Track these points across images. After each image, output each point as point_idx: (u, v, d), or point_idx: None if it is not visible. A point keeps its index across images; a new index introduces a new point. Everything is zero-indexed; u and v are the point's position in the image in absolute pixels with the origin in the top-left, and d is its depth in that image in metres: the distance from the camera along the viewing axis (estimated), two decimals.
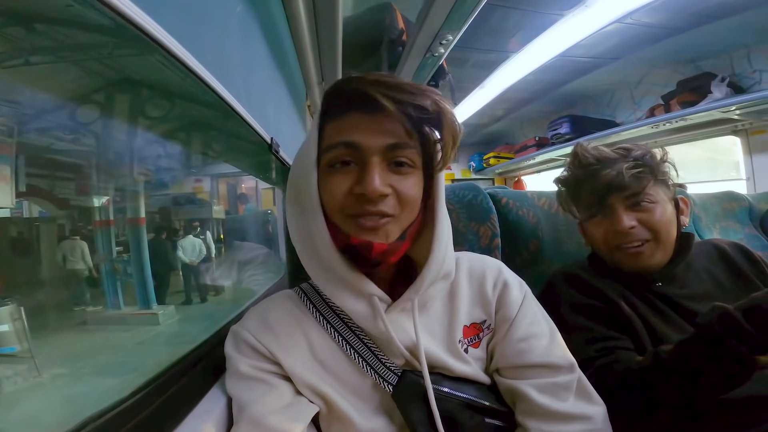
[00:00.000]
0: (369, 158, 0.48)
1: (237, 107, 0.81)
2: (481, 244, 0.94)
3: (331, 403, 0.51)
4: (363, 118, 0.49)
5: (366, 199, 0.47)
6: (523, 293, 0.60)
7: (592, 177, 0.75)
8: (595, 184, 0.75)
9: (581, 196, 0.78)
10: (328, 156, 0.50)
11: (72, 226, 1.08)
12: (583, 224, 0.81)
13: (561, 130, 3.19)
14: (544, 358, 0.54)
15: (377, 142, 0.48)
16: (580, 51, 2.10)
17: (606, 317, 0.72)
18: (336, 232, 0.50)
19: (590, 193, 0.76)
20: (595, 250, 0.82)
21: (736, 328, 0.51)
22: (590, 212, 0.78)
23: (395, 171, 0.49)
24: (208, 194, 1.74)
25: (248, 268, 1.55)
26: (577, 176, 0.79)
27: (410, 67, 1.64)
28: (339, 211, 0.49)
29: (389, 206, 0.48)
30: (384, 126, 0.48)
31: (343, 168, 0.49)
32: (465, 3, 1.16)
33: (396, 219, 0.49)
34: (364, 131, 0.48)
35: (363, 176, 0.47)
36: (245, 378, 0.51)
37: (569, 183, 0.81)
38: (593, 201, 0.76)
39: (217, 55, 0.72)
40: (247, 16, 0.95)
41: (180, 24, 0.54)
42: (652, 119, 2.39)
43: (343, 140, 0.48)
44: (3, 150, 0.78)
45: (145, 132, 1.11)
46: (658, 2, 1.56)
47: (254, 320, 0.55)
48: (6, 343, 0.70)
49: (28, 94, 0.70)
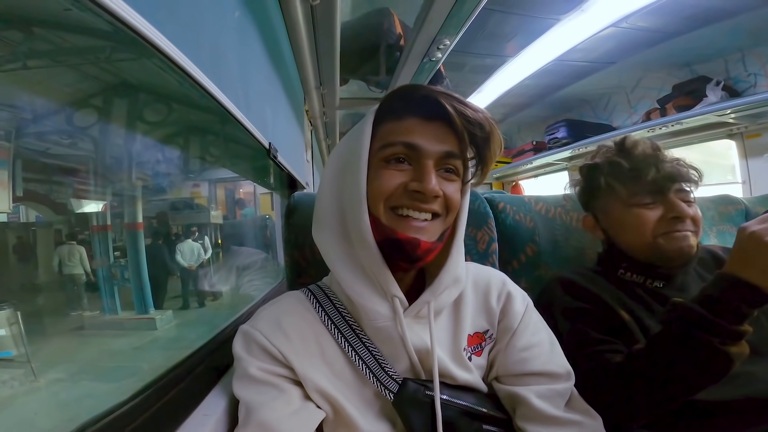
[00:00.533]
0: (425, 160, 0.51)
1: (235, 112, 0.81)
2: (479, 249, 0.94)
3: (338, 408, 0.51)
4: (422, 123, 0.52)
5: (419, 197, 0.50)
6: (525, 304, 0.62)
7: (654, 167, 0.77)
8: (657, 174, 0.76)
9: (637, 183, 0.78)
10: (385, 152, 0.52)
11: (69, 231, 1.08)
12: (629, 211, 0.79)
13: (558, 135, 3.21)
14: (544, 366, 0.56)
15: (435, 147, 0.51)
16: (576, 55, 2.11)
17: (600, 321, 0.72)
18: (378, 227, 0.51)
19: (652, 181, 0.77)
20: (625, 239, 0.81)
21: (698, 319, 0.55)
22: (646, 198, 0.78)
23: (444, 176, 0.53)
24: (206, 199, 1.74)
25: (246, 273, 1.54)
26: (634, 164, 0.79)
27: (408, 71, 1.65)
28: (384, 202, 0.51)
29: (440, 206, 0.52)
30: (441, 134, 0.52)
31: (398, 164, 0.52)
32: (462, 8, 1.17)
33: (441, 219, 0.53)
34: (424, 135, 0.51)
35: (421, 175, 0.50)
36: (255, 381, 0.50)
37: (621, 169, 0.80)
38: (654, 188, 0.77)
39: (215, 60, 0.72)
40: (245, 20, 0.96)
41: (178, 29, 0.54)
42: (648, 123, 2.41)
43: (404, 141, 0.51)
44: (0, 154, 0.78)
45: (143, 136, 1.11)
46: (653, 6, 1.58)
47: (266, 321, 0.54)
48: (2, 348, 0.70)
49: (25, 98, 0.70)
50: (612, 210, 0.82)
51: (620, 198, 0.79)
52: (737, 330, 0.54)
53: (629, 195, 0.78)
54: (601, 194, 0.84)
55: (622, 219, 0.80)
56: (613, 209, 0.82)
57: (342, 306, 0.56)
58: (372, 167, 0.52)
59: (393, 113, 0.54)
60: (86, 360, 0.88)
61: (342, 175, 0.55)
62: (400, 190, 0.51)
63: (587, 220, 0.89)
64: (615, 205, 0.81)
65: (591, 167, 0.85)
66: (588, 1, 1.59)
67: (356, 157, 0.52)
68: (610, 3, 1.59)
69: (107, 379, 0.81)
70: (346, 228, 0.54)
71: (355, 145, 0.53)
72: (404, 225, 0.51)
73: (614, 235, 0.83)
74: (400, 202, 0.51)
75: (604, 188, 0.82)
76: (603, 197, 0.83)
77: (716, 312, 0.54)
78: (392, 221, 0.51)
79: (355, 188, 0.51)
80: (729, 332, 0.53)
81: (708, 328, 0.54)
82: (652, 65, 2.32)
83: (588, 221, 0.89)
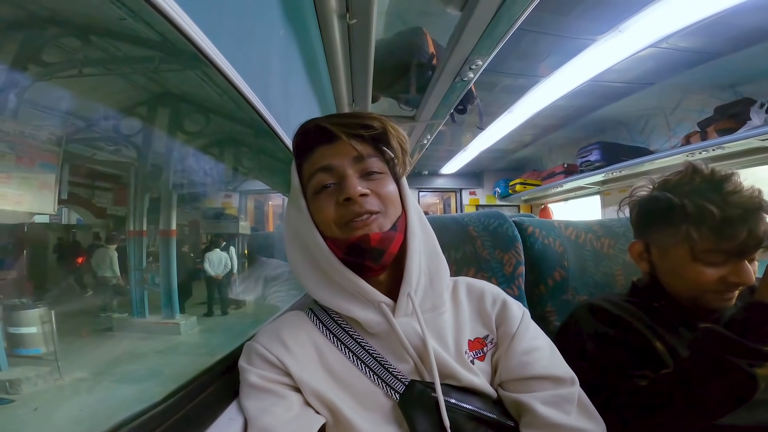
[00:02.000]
0: (343, 172, 0.57)
1: (276, 127, 0.85)
2: (505, 271, 0.96)
3: (338, 412, 0.52)
4: (327, 147, 0.59)
5: (351, 202, 0.55)
6: (522, 311, 0.65)
7: (747, 227, 0.66)
8: (747, 239, 0.66)
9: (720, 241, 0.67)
10: (312, 183, 0.59)
11: (106, 235, 1.12)
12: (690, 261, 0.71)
13: (591, 158, 3.13)
14: (547, 370, 0.58)
15: (344, 159, 0.58)
16: (612, 76, 2.07)
17: (631, 349, 0.70)
18: (334, 244, 0.57)
19: (740, 243, 0.66)
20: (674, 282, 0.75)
21: (725, 341, 0.55)
22: (719, 258, 0.69)
23: (367, 179, 0.58)
24: (236, 209, 1.77)
25: (272, 284, 1.55)
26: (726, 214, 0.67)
27: (439, 90, 1.65)
28: (333, 223, 0.57)
29: (373, 204, 0.57)
30: (345, 148, 0.58)
31: (326, 190, 0.58)
32: (496, 29, 1.17)
33: (383, 214, 0.57)
34: (331, 156, 0.58)
35: (343, 186, 0.56)
36: (255, 389, 0.53)
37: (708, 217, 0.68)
38: (736, 252, 0.67)
39: (261, 76, 0.76)
40: (288, 39, 0.99)
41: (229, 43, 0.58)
42: (687, 147, 2.31)
43: (319, 166, 0.58)
44: (50, 159, 0.82)
45: (181, 146, 1.15)
46: (694, 27, 1.53)
47: (266, 334, 0.59)
48: (32, 345, 0.72)
49: (78, 105, 0.74)
50: (674, 252, 0.73)
51: (690, 245, 0.70)
52: (764, 351, 0.53)
53: (703, 251, 0.69)
54: (667, 230, 0.74)
55: (682, 266, 0.72)
56: (676, 252, 0.73)
57: (341, 319, 0.60)
58: (310, 199, 0.60)
59: (305, 151, 0.62)
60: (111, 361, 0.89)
61: (296, 219, 0.62)
62: (337, 207, 0.57)
63: (636, 247, 0.81)
64: (680, 249, 0.72)
65: (666, 197, 0.74)
66: (625, 22, 1.57)
67: (295, 196, 0.61)
68: (649, 24, 1.56)
69: (128, 381, 0.83)
70: (314, 259, 0.60)
71: (292, 188, 0.62)
72: (351, 231, 0.56)
73: (662, 274, 0.77)
74: (342, 217, 0.56)
75: (676, 227, 0.71)
76: (668, 235, 0.73)
77: (743, 335, 0.55)
78: (343, 233, 0.57)
79: (304, 221, 0.59)
80: (756, 353, 0.53)
81: (735, 350, 0.54)
82: (693, 86, 2.25)
83: (637, 248, 0.81)
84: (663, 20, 1.53)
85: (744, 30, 1.65)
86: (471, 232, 0.98)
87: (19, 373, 0.67)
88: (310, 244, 0.59)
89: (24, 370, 0.68)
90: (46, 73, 0.62)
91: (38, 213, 0.82)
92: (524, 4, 1.04)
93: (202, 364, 0.65)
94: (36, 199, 0.74)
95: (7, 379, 0.65)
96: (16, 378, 0.66)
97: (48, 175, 0.81)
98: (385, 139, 0.60)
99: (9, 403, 0.63)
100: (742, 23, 1.59)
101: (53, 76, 0.64)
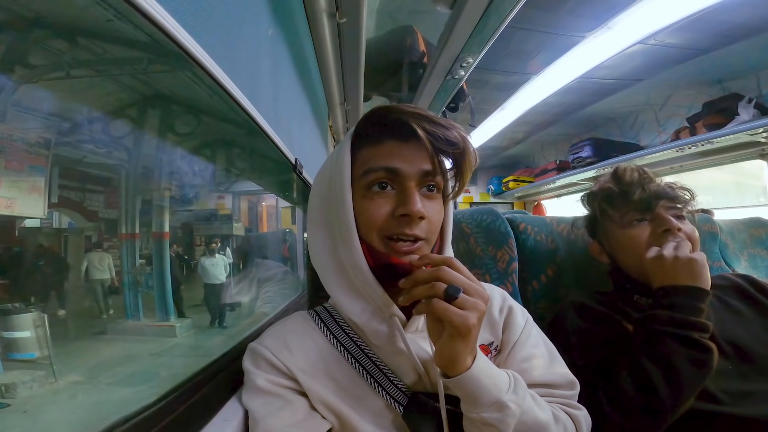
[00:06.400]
0: (407, 183, 0.52)
1: (265, 127, 0.84)
2: (498, 268, 0.96)
3: (344, 420, 0.52)
4: (399, 145, 0.53)
5: (407, 220, 0.51)
6: (525, 318, 0.65)
7: (640, 187, 0.82)
8: (643, 194, 0.82)
9: (626, 204, 0.83)
10: (367, 179, 0.53)
11: (98, 238, 1.11)
12: (623, 232, 0.84)
13: (582, 154, 3.15)
14: (543, 377, 0.58)
15: (414, 168, 0.52)
16: (602, 72, 2.09)
17: (612, 343, 0.75)
18: (371, 253, 0.53)
19: (639, 200, 0.82)
20: (625, 261, 0.85)
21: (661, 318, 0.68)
22: (635, 216, 0.83)
23: (426, 195, 0.54)
24: (229, 211, 1.77)
25: (266, 285, 1.55)
26: (623, 188, 0.85)
27: (431, 89, 1.66)
28: (377, 232, 0.52)
29: (422, 230, 0.53)
30: (418, 153, 0.52)
31: (382, 191, 0.53)
32: (485, 27, 1.18)
33: (427, 242, 0.54)
34: (402, 158, 0.52)
35: (405, 199, 0.51)
36: (262, 392, 0.52)
37: (612, 193, 0.86)
38: (641, 206, 0.82)
39: (249, 76, 0.75)
40: (276, 37, 0.99)
41: (216, 44, 0.57)
42: (677, 142, 2.34)
43: (385, 166, 0.52)
44: (39, 162, 0.81)
45: (173, 147, 1.14)
46: (682, 23, 1.55)
47: (272, 339, 0.57)
48: (27, 349, 0.71)
49: (66, 107, 0.73)
50: (609, 233, 0.87)
51: (614, 220, 0.85)
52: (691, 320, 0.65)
53: (620, 216, 0.84)
54: (599, 220, 0.89)
55: (618, 240, 0.85)
56: (610, 232, 0.87)
57: (347, 326, 0.58)
58: (356, 194, 0.54)
59: (370, 138, 0.55)
60: (106, 364, 0.89)
61: (327, 204, 0.57)
62: (389, 217, 0.52)
63: (593, 247, 0.94)
64: (611, 227, 0.86)
65: (590, 195, 0.93)
66: (614, 19, 1.58)
67: (339, 187, 0.54)
68: (637, 20, 1.57)
69: (124, 384, 0.82)
70: (339, 255, 0.55)
71: (337, 174, 0.54)
72: (395, 251, 0.52)
73: (617, 259, 0.87)
74: (390, 229, 0.52)
75: (601, 213, 0.88)
76: (601, 223, 0.89)
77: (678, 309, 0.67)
78: (385, 247, 0.53)
79: (344, 219, 0.53)
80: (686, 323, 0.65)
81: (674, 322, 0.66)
82: (682, 82, 2.27)
83: (594, 248, 0.93)
84: (651, 17, 1.55)
85: (731, 26, 1.67)
86: (464, 228, 0.99)
87: (15, 377, 0.67)
88: (341, 244, 0.54)
89: (19, 374, 0.68)
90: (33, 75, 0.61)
91: (28, 217, 0.82)
92: (513, 2, 1.05)
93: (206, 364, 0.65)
94: (25, 203, 0.73)
95: (2, 383, 0.64)
96: (11, 382, 0.66)
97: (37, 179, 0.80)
98: (459, 159, 0.55)
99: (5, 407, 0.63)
100: (729, 19, 1.61)
101: (40, 78, 0.63)
